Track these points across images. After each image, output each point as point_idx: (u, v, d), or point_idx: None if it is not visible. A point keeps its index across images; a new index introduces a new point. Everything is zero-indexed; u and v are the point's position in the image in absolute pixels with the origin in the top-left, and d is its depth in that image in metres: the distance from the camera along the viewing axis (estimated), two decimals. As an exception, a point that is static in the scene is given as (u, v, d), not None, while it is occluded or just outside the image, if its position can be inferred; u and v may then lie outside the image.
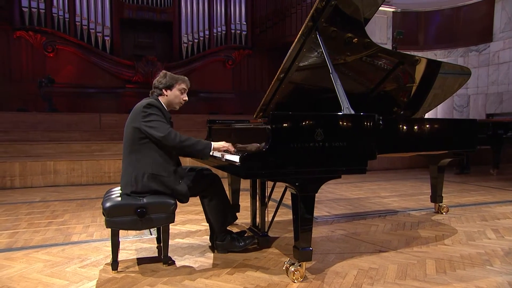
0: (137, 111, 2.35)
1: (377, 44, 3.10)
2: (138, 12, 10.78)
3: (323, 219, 3.74)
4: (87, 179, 5.94)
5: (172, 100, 2.50)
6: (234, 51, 11.34)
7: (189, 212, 4.05)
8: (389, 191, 5.34)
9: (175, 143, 2.30)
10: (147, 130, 2.28)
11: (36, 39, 9.52)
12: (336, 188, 5.61)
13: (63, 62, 9.87)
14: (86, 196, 5.02)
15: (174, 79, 2.49)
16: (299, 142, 2.16)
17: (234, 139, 2.84)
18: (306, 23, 2.73)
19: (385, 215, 3.85)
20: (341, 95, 2.59)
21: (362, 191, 5.34)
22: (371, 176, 6.90)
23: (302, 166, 2.17)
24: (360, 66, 3.26)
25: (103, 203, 2.28)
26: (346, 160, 2.30)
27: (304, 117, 2.25)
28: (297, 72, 3.22)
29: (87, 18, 10.06)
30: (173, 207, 2.32)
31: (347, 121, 2.35)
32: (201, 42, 11.13)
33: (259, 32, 11.54)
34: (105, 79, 10.19)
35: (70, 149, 6.78)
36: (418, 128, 2.98)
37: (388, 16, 9.83)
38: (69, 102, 9.58)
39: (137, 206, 2.26)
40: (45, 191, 5.40)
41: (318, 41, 2.78)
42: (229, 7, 11.43)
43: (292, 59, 2.97)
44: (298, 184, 2.20)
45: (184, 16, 11.04)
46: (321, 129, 2.22)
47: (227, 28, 11.39)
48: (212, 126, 3.43)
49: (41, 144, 6.78)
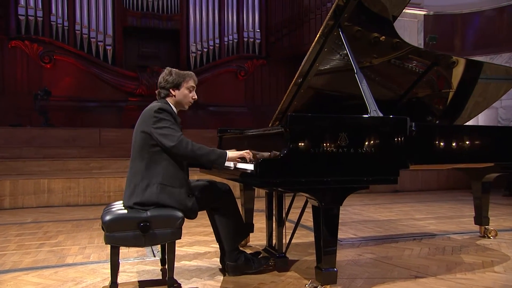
0: (147, 115, 2.37)
1: (408, 44, 3.08)
2: (143, 19, 11.02)
3: (349, 241, 3.69)
4: (84, 199, 5.97)
5: (181, 101, 2.51)
6: (247, 61, 11.46)
7: (196, 233, 4.04)
8: (424, 213, 5.27)
9: (187, 152, 2.30)
10: (158, 137, 2.30)
11: (32, 49, 9.79)
12: (362, 209, 5.56)
13: (61, 74, 10.09)
14: (83, 217, 5.03)
15: (181, 76, 2.50)
16: (321, 147, 2.15)
17: (248, 148, 2.82)
18: (326, 21, 2.74)
19: (420, 239, 3.79)
20: (367, 97, 2.57)
21: (393, 212, 5.28)
22: (402, 197, 6.82)
23: (324, 174, 2.15)
24: (388, 70, 3.25)
25: (102, 216, 2.28)
26: (374, 168, 2.28)
27: (326, 119, 2.23)
28: (316, 77, 3.22)
29: (87, 27, 10.32)
30: (180, 221, 2.30)
31: (375, 125, 2.33)
32: (211, 51, 11.28)
33: (274, 40, 11.66)
34: (106, 91, 10.35)
35: (66, 166, 6.86)
36: (458, 136, 2.89)
37: (419, 19, 9.85)
38: (67, 117, 9.74)
39: (140, 219, 2.24)
40: (37, 212, 5.44)
41: (341, 40, 2.79)
42: (241, 14, 11.62)
43: (311, 61, 2.98)
44: (320, 195, 2.17)
45: (192, 24, 11.25)
46: (345, 133, 2.20)
47: (239, 36, 11.55)
48: (223, 136, 3.43)
49: (35, 161, 6.89)
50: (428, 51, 3.25)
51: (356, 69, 2.70)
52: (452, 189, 7.76)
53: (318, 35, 2.82)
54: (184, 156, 2.34)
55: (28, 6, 9.79)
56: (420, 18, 9.88)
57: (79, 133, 8.30)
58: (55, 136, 8.07)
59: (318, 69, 3.08)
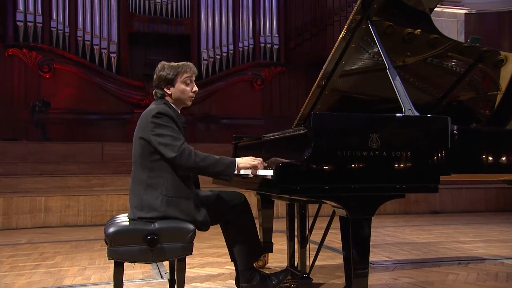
0: (145, 119, 2.34)
1: (448, 39, 3.03)
2: (150, 24, 11.20)
3: (382, 264, 3.63)
4: (84, 219, 5.98)
5: (180, 97, 2.45)
6: (264, 68, 11.51)
7: (209, 254, 4.01)
8: (470, 235, 5.17)
9: (189, 164, 2.26)
10: (157, 146, 2.28)
11: (30, 58, 10.00)
12: (396, 231, 5.49)
13: (61, 84, 10.26)
14: (83, 238, 5.04)
15: (174, 70, 2.43)
16: (349, 150, 2.09)
17: (266, 155, 2.79)
18: (352, 15, 2.72)
19: (467, 263, 3.70)
20: (401, 95, 2.52)
21: (432, 235, 5.19)
22: (443, 218, 6.71)
23: (353, 180, 2.09)
24: (424, 70, 3.19)
25: (105, 229, 2.26)
26: (410, 174, 2.20)
27: (354, 118, 2.20)
28: (342, 79, 3.20)
29: (90, 33, 10.52)
30: (191, 234, 2.26)
31: (411, 125, 2.28)
32: (224, 58, 11.38)
33: (294, 46, 11.71)
34: (110, 103, 10.49)
35: (65, 183, 6.91)
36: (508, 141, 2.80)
37: (459, 19, 9.75)
38: (67, 130, 9.87)
39: (147, 232, 2.21)
40: (33, 232, 5.47)
41: (370, 36, 2.76)
42: (257, 17, 11.72)
43: (335, 60, 2.96)
44: (348, 203, 2.11)
45: (204, 29, 11.39)
46: (377, 134, 2.15)
47: (255, 41, 11.63)
48: (238, 144, 3.42)
49: (31, 177, 6.95)
50: (471, 46, 3.15)
51: (388, 65, 2.65)
52: (503, 211, 7.51)
53: (344, 31, 2.79)
54: (187, 168, 2.30)
55: (27, 12, 10.02)
56: (460, 17, 9.77)
57: (80, 148, 8.37)
58: (54, 151, 8.15)
59: (344, 70, 3.07)
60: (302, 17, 11.68)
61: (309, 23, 11.48)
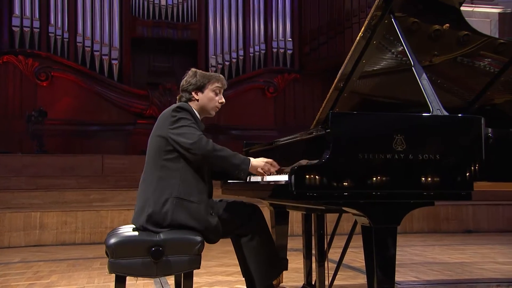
0: (165, 117, 2.43)
1: (481, 36, 2.98)
2: (154, 29, 11.31)
3: (410, 284, 3.59)
4: (82, 236, 5.97)
5: (206, 105, 2.55)
6: (277, 75, 11.52)
7: (217, 273, 3.98)
8: (509, 256, 5.08)
9: (207, 152, 2.30)
10: (174, 138, 2.34)
11: (27, 65, 10.12)
12: (425, 250, 5.43)
13: (59, 93, 10.36)
14: (81, 256, 5.03)
15: (206, 78, 2.57)
16: (371, 152, 2.06)
17: (281, 161, 2.76)
18: (372, 12, 2.71)
19: (507, 285, 3.67)
20: (429, 94, 2.47)
21: (466, 254, 5.12)
22: (478, 238, 6.61)
23: (375, 186, 2.05)
24: (453, 70, 3.16)
25: (106, 240, 2.26)
26: (440, 179, 2.14)
27: (377, 118, 2.16)
28: (362, 81, 3.18)
29: (90, 38, 10.64)
30: (199, 246, 2.25)
31: (439, 125, 2.23)
32: (234, 65, 11.43)
33: (309, 51, 11.72)
34: (111, 113, 10.57)
35: (62, 198, 6.92)
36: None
37: (492, 19, 9.67)
38: (64, 142, 9.93)
39: (152, 243, 2.21)
40: (26, 251, 5.46)
41: (392, 34, 2.73)
42: (269, 20, 11.77)
43: (354, 60, 2.94)
44: (370, 211, 2.06)
45: (212, 33, 11.46)
46: (401, 136, 2.10)
47: (267, 46, 11.67)
48: (250, 150, 3.40)
49: (26, 192, 6.96)
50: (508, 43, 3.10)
51: (413, 61, 2.61)
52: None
53: (363, 29, 2.79)
54: (204, 157, 2.32)
55: (23, 16, 10.20)
56: (493, 17, 9.69)
57: (79, 161, 8.41)
58: (50, 164, 8.19)
59: (364, 71, 3.05)
60: (317, 20, 11.71)
61: (325, 26, 11.49)
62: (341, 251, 2.86)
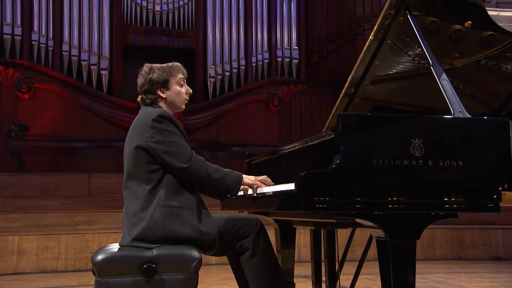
0: (141, 126, 2.41)
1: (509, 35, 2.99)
2: (148, 37, 11.36)
3: None
4: (66, 262, 5.94)
5: (175, 100, 2.57)
6: (281, 86, 11.53)
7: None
8: None
9: (201, 176, 2.37)
10: (162, 156, 2.34)
11: (6, 75, 10.13)
12: (449, 277, 5.41)
13: (42, 106, 10.35)
14: (63, 284, 5.02)
15: (167, 71, 2.55)
16: (386, 158, 2.07)
17: (287, 171, 2.78)
18: (385, 11, 2.76)
19: None
20: (449, 95, 2.49)
21: (496, 283, 5.10)
22: (509, 265, 6.59)
23: (391, 195, 2.06)
24: (476, 74, 3.19)
25: (93, 257, 2.25)
26: (463, 188, 2.15)
27: (392, 120, 2.18)
28: (376, 86, 3.23)
29: (78, 47, 10.66)
30: (196, 263, 2.26)
31: (462, 128, 2.24)
32: (234, 75, 11.45)
33: (317, 60, 11.73)
34: (100, 128, 10.55)
35: (44, 220, 6.90)
36: None
37: (518, 23, 9.72)
38: (47, 160, 9.91)
39: (144, 260, 2.22)
40: (2, 279, 5.43)
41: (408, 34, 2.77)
42: (273, 27, 11.82)
43: (366, 63, 3.01)
44: (386, 223, 2.05)
45: (211, 41, 11.50)
46: (420, 140, 2.11)
47: (271, 55, 11.71)
48: (252, 162, 3.39)
49: (3, 214, 6.95)
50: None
51: (432, 61, 2.64)
52: None
53: (375, 29, 2.84)
54: (197, 181, 2.40)
55: (4, 23, 10.23)
56: (520, 21, 9.72)
57: (63, 180, 8.43)
58: (31, 184, 8.22)
59: (378, 75, 3.09)
60: (326, 26, 11.73)
61: (334, 33, 11.51)
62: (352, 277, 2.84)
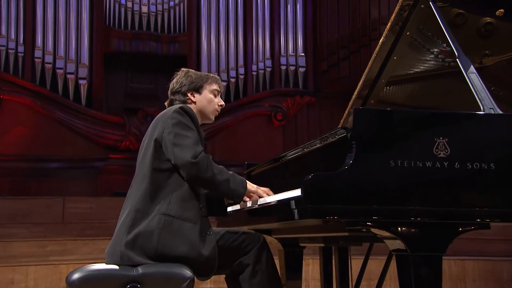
0: (162, 118, 2.54)
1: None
2: (133, 42, 11.42)
3: None
4: (35, 298, 5.88)
5: (205, 108, 2.71)
6: (286, 98, 11.55)
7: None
8: None
9: (207, 176, 2.42)
10: (170, 146, 2.43)
11: (-32, 86, 10.18)
12: None
13: (10, 121, 10.32)
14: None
15: (202, 77, 2.73)
16: (405, 159, 2.08)
17: (292, 179, 2.81)
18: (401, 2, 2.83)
19: None
20: (479, 90, 2.52)
21: None
22: None
23: (412, 201, 2.07)
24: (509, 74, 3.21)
25: (68, 276, 2.30)
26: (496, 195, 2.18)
27: (413, 116, 2.23)
28: (393, 87, 3.29)
29: (52, 53, 10.68)
30: (187, 284, 2.29)
31: (494, 126, 2.27)
32: (232, 86, 11.49)
33: (326, 68, 11.75)
34: (77, 146, 10.56)
35: (10, 251, 6.86)
36: None
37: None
38: (15, 183, 9.90)
39: (127, 279, 2.27)
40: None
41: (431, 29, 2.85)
42: (276, 31, 11.88)
43: (382, 60, 3.13)
44: (407, 234, 2.05)
45: (205, 47, 11.57)
46: (444, 139, 2.13)
47: (274, 63, 11.75)
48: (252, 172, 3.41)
49: (-37, 244, 6.90)
50: None
51: (457, 52, 2.70)
52: None
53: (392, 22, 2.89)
54: (202, 181, 2.46)
55: (-35, 27, 10.33)
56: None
57: (32, 205, 8.38)
58: (-4, 209, 8.17)
59: (395, 74, 3.12)
60: (337, 30, 11.81)
61: (346, 37, 11.55)
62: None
